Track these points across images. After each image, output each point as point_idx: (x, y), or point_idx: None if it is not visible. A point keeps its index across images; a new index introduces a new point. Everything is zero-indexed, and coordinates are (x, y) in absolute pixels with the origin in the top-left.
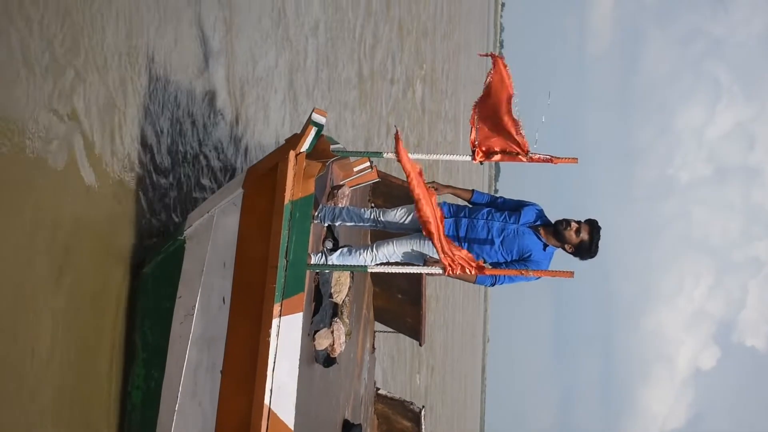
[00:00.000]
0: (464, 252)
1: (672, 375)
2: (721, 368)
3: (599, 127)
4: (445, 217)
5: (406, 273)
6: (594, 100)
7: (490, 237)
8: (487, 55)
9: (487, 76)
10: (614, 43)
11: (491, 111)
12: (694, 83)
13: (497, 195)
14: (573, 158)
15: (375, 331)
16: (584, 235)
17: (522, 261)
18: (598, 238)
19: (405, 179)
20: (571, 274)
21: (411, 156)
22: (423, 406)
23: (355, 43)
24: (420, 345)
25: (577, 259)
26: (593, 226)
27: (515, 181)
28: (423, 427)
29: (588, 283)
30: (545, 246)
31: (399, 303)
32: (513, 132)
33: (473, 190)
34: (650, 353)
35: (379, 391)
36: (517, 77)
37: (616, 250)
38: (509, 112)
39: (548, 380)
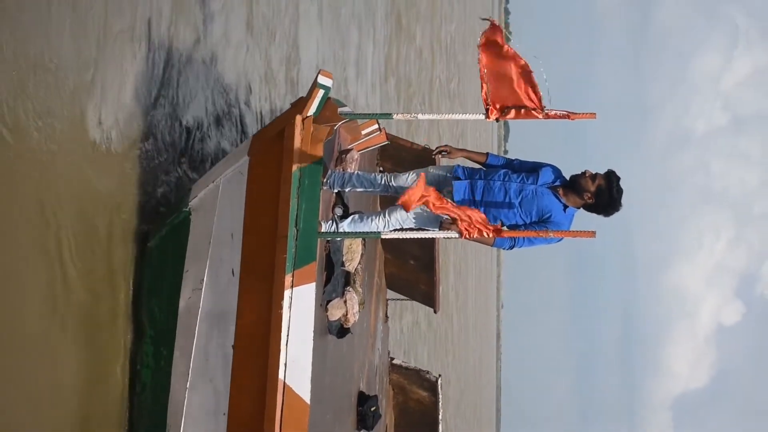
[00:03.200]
0: (480, 215)
1: (694, 333)
2: (744, 323)
3: (612, 81)
4: (459, 179)
5: (419, 238)
6: (606, 53)
7: (507, 199)
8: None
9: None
10: None
11: (499, 64)
12: (710, 28)
13: (512, 158)
14: (591, 113)
15: (388, 300)
16: (600, 181)
17: (542, 222)
18: (618, 187)
19: (414, 142)
20: (592, 233)
21: (422, 116)
22: (440, 375)
23: None
24: (435, 312)
25: (601, 219)
26: (610, 175)
27: (525, 142)
28: (440, 396)
29: (605, 242)
30: (565, 207)
31: (412, 269)
32: (527, 86)
33: (488, 153)
34: (671, 311)
35: (394, 361)
36: (525, 34)
37: (634, 206)
38: (520, 65)
39: (566, 344)
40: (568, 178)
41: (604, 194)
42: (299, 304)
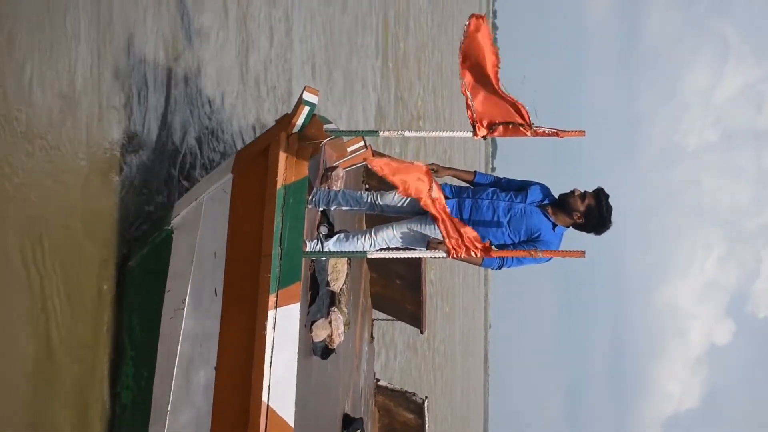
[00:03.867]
0: (473, 232)
1: (686, 352)
2: (736, 342)
3: (601, 95)
4: (447, 198)
5: (405, 258)
6: (595, 66)
7: (496, 217)
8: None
9: (465, 38)
10: (615, 3)
11: (483, 78)
12: (700, 43)
13: (500, 176)
14: (580, 131)
15: (373, 320)
16: (590, 201)
17: (531, 242)
18: (608, 205)
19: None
20: (582, 253)
21: (409, 134)
22: (426, 397)
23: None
24: (421, 332)
25: (590, 237)
26: (599, 193)
27: (513, 159)
28: (426, 418)
29: (594, 260)
30: (554, 226)
31: (398, 289)
32: (514, 102)
33: (475, 172)
34: (662, 330)
35: (380, 383)
36: (513, 46)
37: (624, 223)
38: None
39: (555, 363)
40: (557, 196)
41: (593, 213)
42: (283, 325)
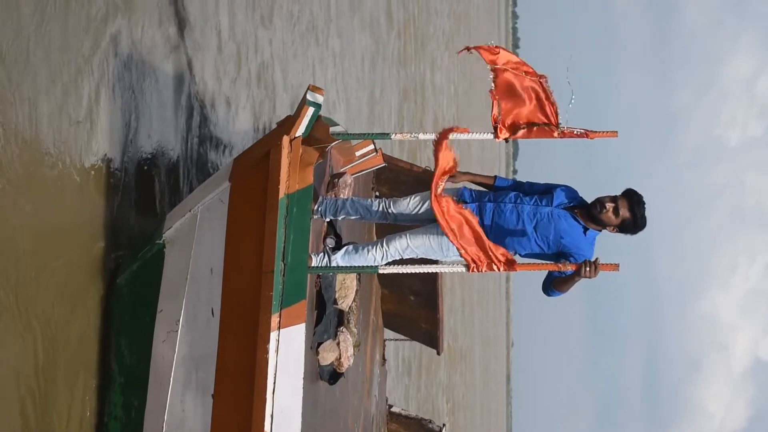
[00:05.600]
0: (499, 249)
1: (729, 368)
2: None
3: (632, 89)
4: (466, 203)
5: (420, 272)
6: (626, 60)
7: (520, 223)
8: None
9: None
10: None
11: (510, 76)
12: (741, 28)
13: (521, 180)
14: (612, 132)
15: (385, 340)
16: (624, 213)
17: (562, 255)
18: (642, 211)
19: (413, 164)
20: (616, 266)
21: (423, 136)
22: (444, 424)
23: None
24: (438, 353)
25: (621, 240)
26: (632, 200)
27: (536, 161)
28: None
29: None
30: (585, 229)
31: (412, 306)
32: (542, 100)
33: (495, 176)
34: (701, 345)
35: (392, 409)
36: (536, 46)
37: (659, 228)
38: (532, 74)
39: (584, 384)
40: (584, 199)
41: (630, 225)
42: (287, 347)
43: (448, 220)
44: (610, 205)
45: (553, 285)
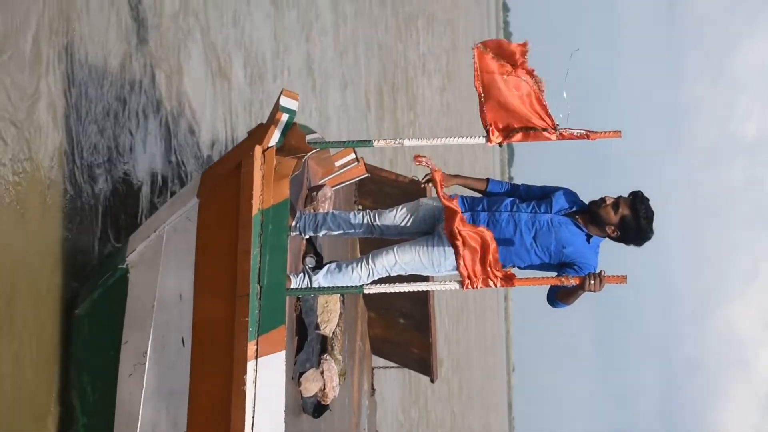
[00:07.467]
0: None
1: (753, 387)
2: None
3: (640, 83)
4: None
5: (410, 291)
6: (628, 49)
7: (518, 234)
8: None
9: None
10: None
11: (500, 74)
12: (756, 10)
13: (517, 183)
14: (615, 131)
15: (374, 368)
16: (624, 210)
17: (565, 265)
18: (647, 213)
19: (399, 174)
20: (623, 278)
21: (409, 142)
22: None
23: None
24: (432, 381)
25: (629, 250)
26: (634, 198)
27: (533, 166)
28: None
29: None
30: (589, 237)
31: (402, 330)
32: (534, 103)
33: (488, 179)
34: (721, 362)
35: None
36: (532, 36)
37: (672, 234)
38: (527, 73)
39: (593, 412)
40: (585, 203)
41: (630, 224)
42: (266, 378)
43: (466, 238)
44: (609, 199)
45: (557, 297)
